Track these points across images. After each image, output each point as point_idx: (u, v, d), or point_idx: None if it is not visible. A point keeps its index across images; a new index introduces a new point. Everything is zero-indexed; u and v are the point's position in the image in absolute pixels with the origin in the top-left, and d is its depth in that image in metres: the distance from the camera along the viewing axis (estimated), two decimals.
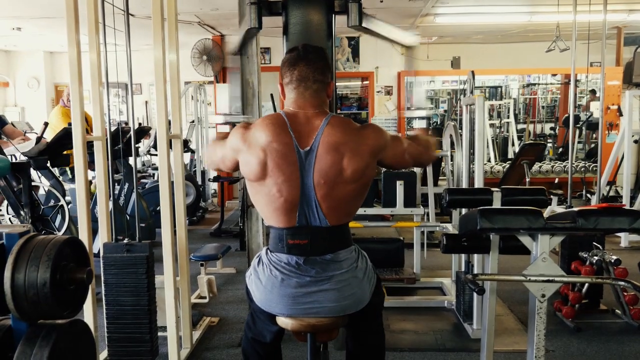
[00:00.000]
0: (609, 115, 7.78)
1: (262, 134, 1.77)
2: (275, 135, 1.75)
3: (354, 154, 1.75)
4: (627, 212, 2.00)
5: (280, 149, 1.74)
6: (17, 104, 9.07)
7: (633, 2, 6.51)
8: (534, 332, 2.06)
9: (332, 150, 1.74)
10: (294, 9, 2.07)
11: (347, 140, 1.76)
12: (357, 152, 1.76)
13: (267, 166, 1.75)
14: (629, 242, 5.53)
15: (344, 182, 1.76)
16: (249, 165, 1.79)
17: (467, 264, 3.63)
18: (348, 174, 1.75)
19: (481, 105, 3.52)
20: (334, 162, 1.74)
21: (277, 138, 1.75)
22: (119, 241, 2.63)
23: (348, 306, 1.82)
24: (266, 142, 1.75)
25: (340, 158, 1.74)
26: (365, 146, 1.79)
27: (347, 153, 1.75)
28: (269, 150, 1.75)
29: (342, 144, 1.75)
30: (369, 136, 1.81)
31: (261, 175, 1.77)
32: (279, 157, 1.74)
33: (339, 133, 1.76)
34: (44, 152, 4.40)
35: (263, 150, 1.75)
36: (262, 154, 1.75)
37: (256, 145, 1.77)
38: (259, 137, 1.77)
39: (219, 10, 6.34)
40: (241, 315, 3.76)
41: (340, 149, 1.75)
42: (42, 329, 1.54)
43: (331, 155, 1.74)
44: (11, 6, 5.92)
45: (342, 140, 1.75)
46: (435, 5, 6.33)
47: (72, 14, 2.50)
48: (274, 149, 1.74)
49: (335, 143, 1.75)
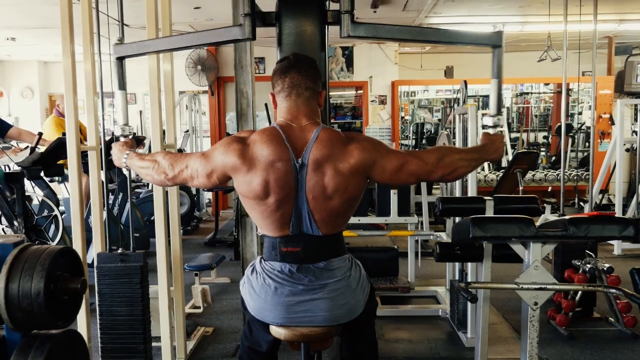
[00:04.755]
0: (601, 123, 7.85)
1: (263, 152, 1.73)
2: (276, 154, 1.72)
3: (335, 171, 1.72)
4: (617, 220, 2.02)
5: (282, 168, 1.72)
6: (11, 114, 9.04)
7: (623, 12, 6.58)
8: (527, 340, 2.07)
9: (317, 167, 1.72)
10: (288, 20, 2.09)
11: (330, 156, 1.72)
12: (339, 169, 1.72)
13: (270, 186, 1.73)
14: (622, 250, 5.55)
15: (327, 198, 1.75)
16: (251, 185, 1.74)
17: (461, 272, 3.65)
18: (329, 192, 1.74)
19: (474, 114, 3.55)
20: (318, 179, 1.73)
21: (279, 156, 1.72)
22: (113, 251, 2.63)
23: (341, 315, 1.82)
24: (269, 161, 1.72)
25: (323, 175, 1.73)
26: (347, 164, 1.73)
27: (328, 171, 1.72)
28: (272, 170, 1.72)
29: (324, 161, 1.72)
30: (352, 153, 1.74)
31: (262, 195, 1.74)
32: (281, 176, 1.72)
33: (325, 148, 1.73)
34: (37, 162, 4.39)
35: (266, 171, 1.72)
36: (266, 174, 1.72)
37: (258, 164, 1.73)
38: (261, 156, 1.73)
39: (214, 20, 6.37)
40: (235, 325, 3.75)
41: (323, 167, 1.72)
42: (35, 339, 1.54)
43: (316, 171, 1.73)
44: (5, 16, 5.92)
45: (324, 157, 1.72)
46: (428, 15, 6.38)
47: (67, 24, 2.51)
48: (277, 169, 1.72)
49: (318, 160, 1.72)
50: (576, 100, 9.55)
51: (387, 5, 5.78)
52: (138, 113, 8.72)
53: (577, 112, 9.69)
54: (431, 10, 6.16)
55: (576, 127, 8.72)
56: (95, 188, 2.74)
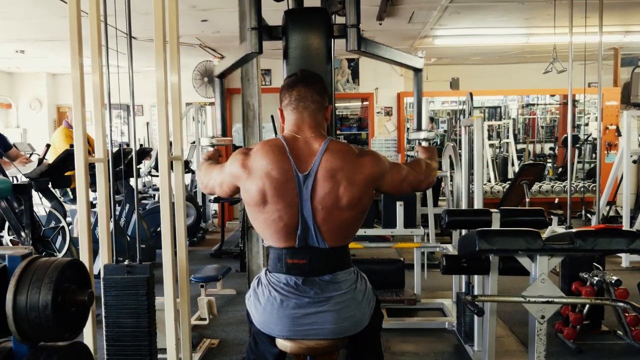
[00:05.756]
0: (607, 135, 7.83)
1: (261, 161, 1.78)
2: (274, 163, 1.76)
3: (350, 182, 1.76)
4: (625, 233, 2.02)
5: (279, 177, 1.75)
6: (19, 125, 9.12)
7: (629, 23, 6.58)
8: (534, 353, 2.06)
9: (330, 177, 1.75)
10: (294, 34, 2.11)
11: (344, 167, 1.76)
12: (354, 180, 1.76)
13: (267, 194, 1.76)
14: (630, 262, 5.52)
15: (340, 209, 1.77)
16: (249, 193, 1.80)
17: (468, 284, 3.63)
18: (344, 202, 1.76)
19: (480, 127, 3.55)
20: (331, 189, 1.75)
21: (277, 165, 1.76)
22: (120, 262, 2.63)
23: (347, 328, 1.82)
24: (266, 170, 1.76)
25: (337, 185, 1.75)
26: (362, 174, 1.79)
27: (343, 181, 1.75)
28: (268, 178, 1.76)
29: (339, 170, 1.76)
30: (366, 164, 1.81)
31: (261, 202, 1.78)
32: (278, 184, 1.75)
33: (338, 159, 1.77)
34: (45, 174, 4.42)
35: (262, 179, 1.76)
36: (261, 182, 1.76)
37: (256, 173, 1.78)
38: (259, 165, 1.78)
39: (220, 32, 6.41)
40: (241, 337, 3.75)
41: (337, 176, 1.75)
42: (43, 351, 1.54)
43: (328, 182, 1.75)
44: (15, 29, 5.99)
45: (339, 167, 1.76)
46: (433, 27, 6.40)
47: (75, 37, 2.53)
48: (274, 177, 1.75)
49: (332, 170, 1.75)
50: (582, 112, 9.53)
51: (392, 17, 5.81)
52: (145, 125, 8.79)
53: (583, 123, 9.66)
54: (436, 23, 6.18)
55: (583, 138, 8.69)
56: (102, 199, 2.75)
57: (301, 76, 1.89)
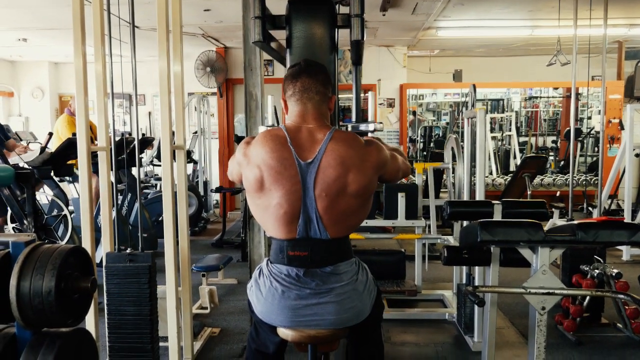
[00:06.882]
0: (610, 128, 7.81)
1: (259, 149, 1.80)
2: (272, 151, 1.77)
3: (359, 169, 1.77)
4: (626, 226, 2.02)
5: (276, 164, 1.76)
6: (22, 114, 9.13)
7: (633, 16, 6.55)
8: (534, 345, 2.07)
9: (338, 164, 1.76)
10: (298, 23, 2.10)
11: (352, 155, 1.78)
12: (362, 167, 1.78)
13: (265, 181, 1.78)
14: (631, 255, 5.52)
15: (347, 195, 1.78)
16: (248, 180, 1.82)
17: (469, 276, 3.64)
18: (352, 189, 1.77)
19: (482, 119, 3.54)
20: (338, 175, 1.76)
21: (274, 154, 1.77)
22: (122, 251, 2.64)
23: (348, 319, 1.83)
24: (262, 157, 1.78)
25: (345, 172, 1.76)
26: (369, 162, 1.81)
27: (352, 168, 1.76)
28: (265, 165, 1.77)
29: (347, 158, 1.77)
30: (372, 153, 1.84)
31: (259, 189, 1.80)
32: (276, 172, 1.76)
33: (345, 147, 1.78)
34: (48, 162, 4.43)
35: (259, 166, 1.78)
36: (258, 169, 1.78)
37: (254, 161, 1.80)
38: (257, 153, 1.80)
39: (223, 22, 6.40)
40: (242, 326, 3.76)
41: (346, 163, 1.76)
42: (45, 337, 1.55)
43: (336, 169, 1.75)
44: (18, 18, 5.98)
45: (347, 155, 1.77)
46: (437, 18, 6.38)
47: (78, 26, 2.53)
48: (270, 164, 1.77)
49: (340, 157, 1.76)
50: (585, 105, 9.51)
51: (396, 8, 5.78)
52: (147, 114, 8.78)
53: (586, 116, 9.65)
54: (440, 14, 6.16)
55: (585, 131, 8.68)
56: (104, 188, 2.76)
57: (305, 66, 1.88)
